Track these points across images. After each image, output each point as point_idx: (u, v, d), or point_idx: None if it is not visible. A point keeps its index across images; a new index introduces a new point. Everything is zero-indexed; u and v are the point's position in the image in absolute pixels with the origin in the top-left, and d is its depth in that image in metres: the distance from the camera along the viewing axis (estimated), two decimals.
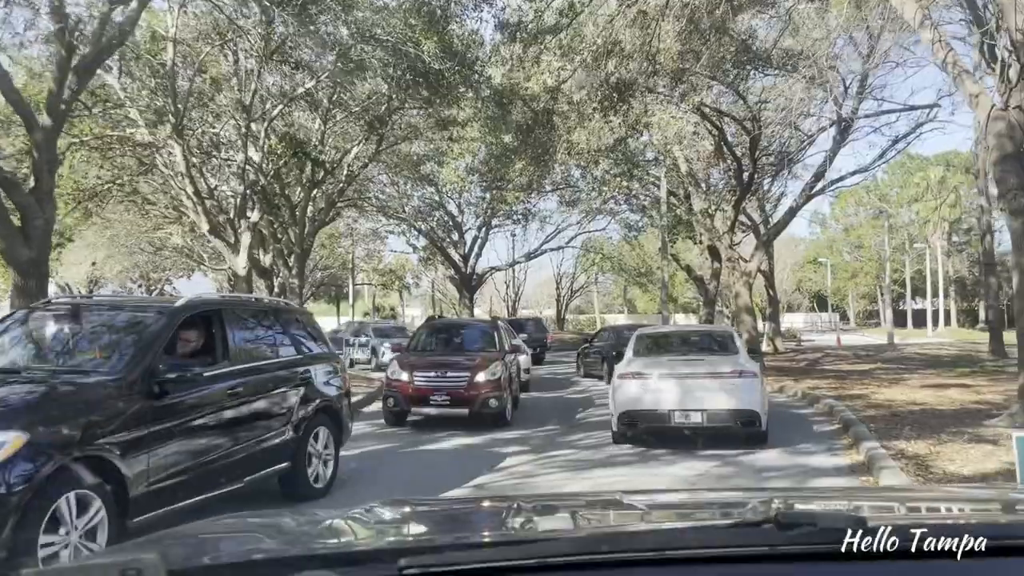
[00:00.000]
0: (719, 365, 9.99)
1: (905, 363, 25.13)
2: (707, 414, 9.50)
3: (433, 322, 16.00)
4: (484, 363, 12.03)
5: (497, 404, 11.79)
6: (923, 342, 45.13)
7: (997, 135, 10.22)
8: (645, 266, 46.15)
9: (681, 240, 31.34)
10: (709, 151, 23.49)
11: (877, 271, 76.12)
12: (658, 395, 9.69)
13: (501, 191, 30.79)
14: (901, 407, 12.46)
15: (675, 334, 12.91)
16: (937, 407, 12.39)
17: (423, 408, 11.84)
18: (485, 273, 42.70)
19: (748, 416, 9.54)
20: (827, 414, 12.71)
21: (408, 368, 12.01)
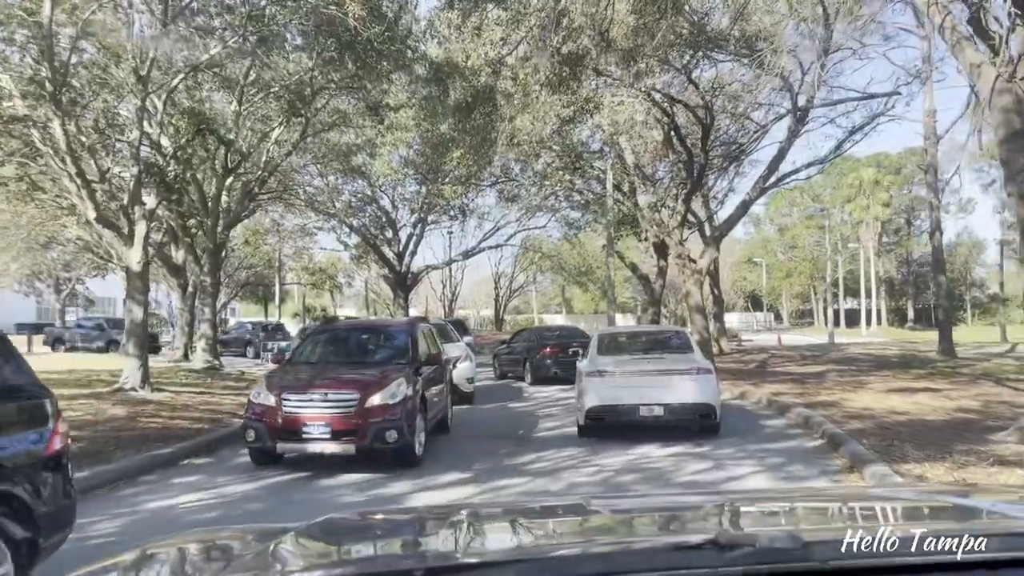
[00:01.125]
0: (678, 363, 10.83)
1: (855, 364, 24.35)
2: (669, 408, 10.25)
3: (327, 325, 12.23)
4: (383, 380, 8.90)
5: (397, 437, 8.51)
6: (861, 341, 45.18)
7: (1003, 110, 9.00)
8: (586, 265, 44.95)
9: (626, 237, 30.09)
10: (658, 142, 22.23)
11: (811, 271, 76.95)
12: (625, 391, 10.29)
13: (438, 184, 28.98)
14: (883, 417, 11.23)
15: (633, 334, 13.30)
16: (924, 417, 11.19)
17: (292, 444, 8.58)
18: (421, 272, 40.80)
19: (705, 409, 10.43)
20: (803, 426, 11.40)
21: (277, 389, 8.83)
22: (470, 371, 15.36)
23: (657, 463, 9.01)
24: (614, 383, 10.37)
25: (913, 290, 79.23)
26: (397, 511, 2.35)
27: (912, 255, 79.45)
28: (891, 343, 41.38)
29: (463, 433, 11.51)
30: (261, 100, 19.03)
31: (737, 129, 21.73)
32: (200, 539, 1.92)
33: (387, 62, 14.99)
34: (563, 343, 20.01)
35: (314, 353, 10.56)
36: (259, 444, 8.72)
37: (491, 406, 15.13)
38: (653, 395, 10.22)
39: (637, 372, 10.49)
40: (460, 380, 14.64)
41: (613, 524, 2.00)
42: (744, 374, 20.41)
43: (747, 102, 20.95)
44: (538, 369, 19.52)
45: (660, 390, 10.26)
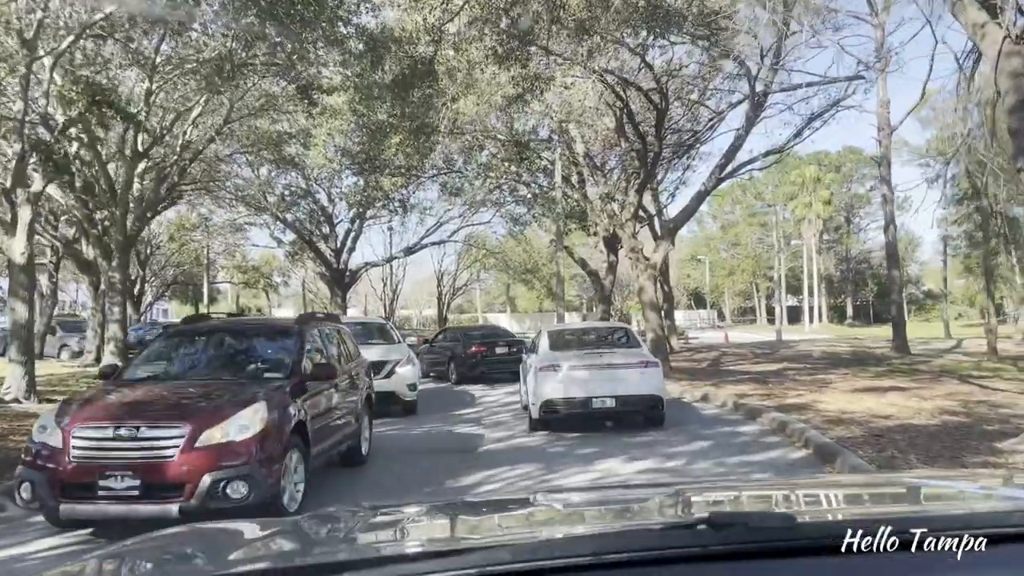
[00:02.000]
0: (627, 357, 11.30)
1: (810, 361, 23.64)
2: (620, 400, 10.70)
3: (184, 326, 8.71)
4: (226, 407, 6.17)
5: (248, 491, 5.83)
6: (807, 338, 44.94)
7: (1012, 74, 7.96)
8: (531, 262, 43.72)
9: (574, 232, 28.91)
10: (609, 130, 21.08)
11: (753, 269, 77.33)
12: (578, 384, 10.75)
13: (376, 176, 27.32)
14: (868, 421, 10.18)
15: (582, 330, 13.68)
16: (912, 421, 10.17)
17: (83, 505, 5.82)
18: (359, 269, 39.02)
19: (653, 400, 10.91)
20: (779, 432, 10.27)
21: (70, 420, 6.04)
22: (412, 376, 13.53)
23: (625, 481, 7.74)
24: (568, 377, 10.79)
25: (852, 287, 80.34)
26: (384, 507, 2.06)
27: (851, 253, 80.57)
28: (836, 340, 41.19)
29: (396, 453, 9.75)
30: (177, 77, 17.20)
31: (692, 117, 20.71)
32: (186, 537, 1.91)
33: (314, 32, 13.39)
34: (489, 342, 19.65)
35: (158, 364, 7.60)
36: (37, 503, 5.91)
37: (432, 414, 13.68)
38: (605, 388, 10.72)
39: (590, 366, 10.94)
40: (400, 387, 13.15)
41: (598, 513, 2.03)
42: (701, 373, 19.39)
43: (703, 87, 19.93)
44: (463, 368, 19.21)
45: (611, 383, 10.74)
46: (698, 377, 18.21)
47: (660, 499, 2.11)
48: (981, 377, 17.49)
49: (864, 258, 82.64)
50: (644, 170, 19.42)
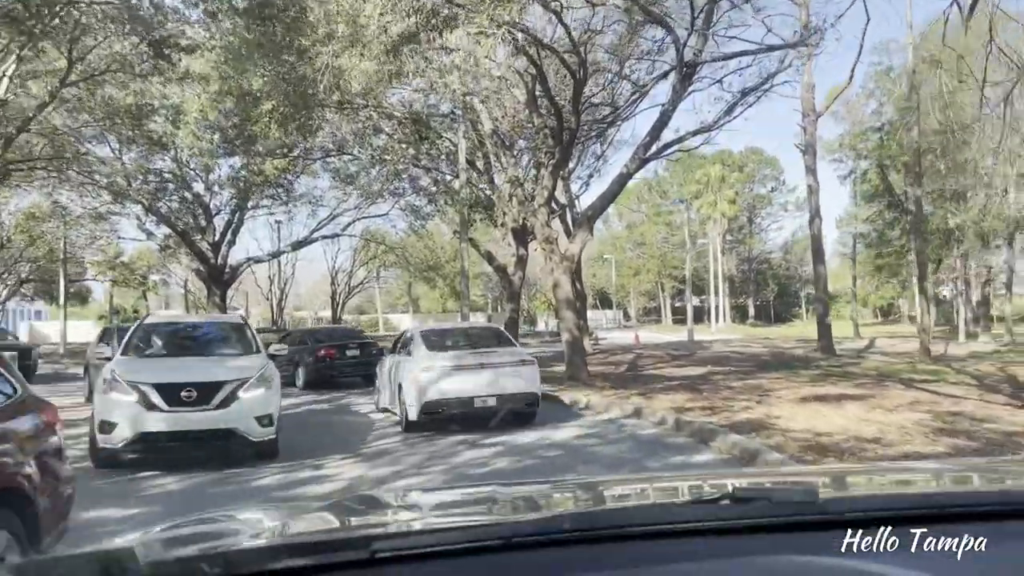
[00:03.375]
0: (506, 355, 11.33)
1: (733, 364, 21.85)
2: (500, 398, 10.82)
3: None
4: None
5: None
6: (717, 339, 43.86)
7: None
8: (433, 259, 40.84)
9: (480, 223, 26.30)
10: (519, 104, 18.62)
11: (659, 268, 76.77)
12: (460, 383, 10.71)
13: (255, 158, 23.94)
14: (854, 446, 7.99)
15: (455, 330, 13.49)
16: (911, 447, 8.02)
17: None
18: (241, 265, 35.23)
19: (531, 398, 11.16)
20: (748, 462, 7.94)
21: None
22: (265, 404, 8.76)
23: None
24: (449, 377, 10.73)
25: (754, 287, 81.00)
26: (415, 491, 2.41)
27: (752, 253, 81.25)
28: (747, 340, 40.18)
29: None
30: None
31: (612, 91, 18.47)
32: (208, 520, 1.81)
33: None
34: (338, 344, 18.59)
35: None
36: None
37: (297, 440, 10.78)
38: (486, 386, 10.77)
39: (470, 365, 10.92)
40: (244, 422, 8.54)
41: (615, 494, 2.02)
42: (623, 380, 17.12)
43: (624, 55, 17.70)
44: (312, 373, 18.12)
45: (493, 381, 10.82)
46: (622, 384, 15.93)
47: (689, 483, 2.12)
48: (925, 381, 15.95)
49: (764, 259, 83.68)
50: (559, 148, 17.00)
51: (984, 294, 31.00)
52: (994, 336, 31.37)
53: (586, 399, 13.34)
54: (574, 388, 15.21)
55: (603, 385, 15.65)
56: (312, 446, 9.88)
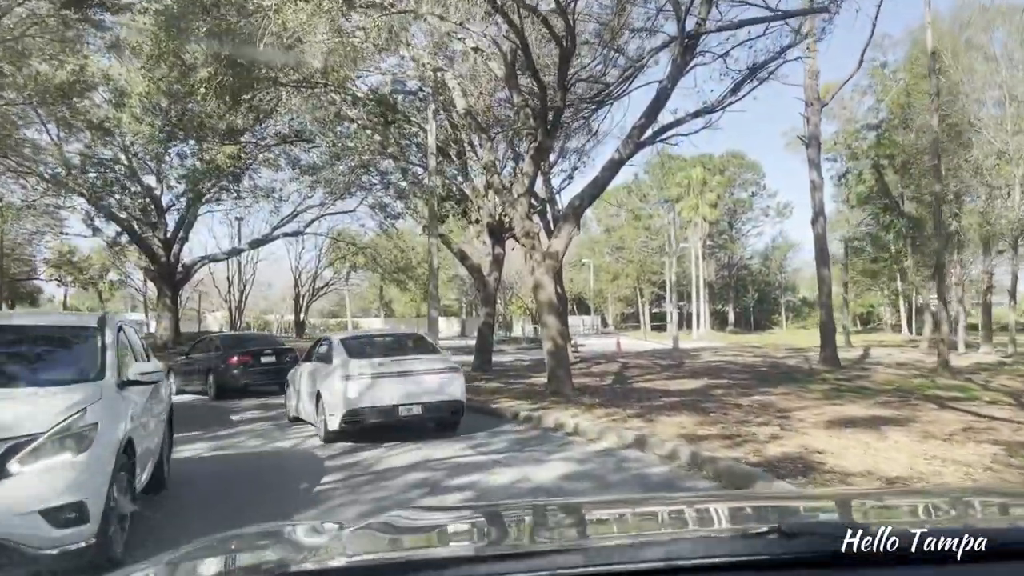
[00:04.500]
0: (430, 363, 11.11)
1: (731, 376, 19.78)
2: (426, 406, 10.64)
3: None
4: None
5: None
6: (701, 346, 41.86)
7: None
8: (404, 260, 38.45)
9: (453, 218, 24.06)
10: (497, 79, 16.47)
11: (638, 273, 74.86)
12: (385, 391, 10.46)
13: (200, 141, 21.50)
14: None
15: (377, 336, 13.67)
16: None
17: None
18: (195, 264, 32.68)
19: (456, 405, 10.98)
20: None
21: None
22: (65, 485, 4.61)
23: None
24: (372, 385, 10.46)
25: (734, 294, 79.41)
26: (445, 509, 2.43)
27: (733, 259, 79.67)
28: (735, 348, 38.25)
29: None
30: None
31: (605, 61, 16.34)
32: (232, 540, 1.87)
33: None
34: (253, 351, 17.96)
35: None
36: None
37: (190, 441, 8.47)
38: (411, 395, 10.53)
39: (394, 373, 10.64)
40: (8, 521, 4.44)
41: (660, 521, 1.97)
42: (614, 396, 14.94)
43: (618, 25, 15.57)
44: (224, 381, 17.42)
45: (417, 389, 10.59)
46: (613, 401, 13.74)
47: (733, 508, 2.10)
48: (955, 399, 13.99)
49: (744, 265, 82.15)
50: (542, 130, 14.83)
51: (986, 301, 29.31)
52: (995, 346, 29.67)
53: (574, 422, 11.15)
54: (558, 406, 13.02)
55: (591, 403, 13.46)
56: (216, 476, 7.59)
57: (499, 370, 22.32)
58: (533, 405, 13.26)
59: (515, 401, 13.90)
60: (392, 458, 9.35)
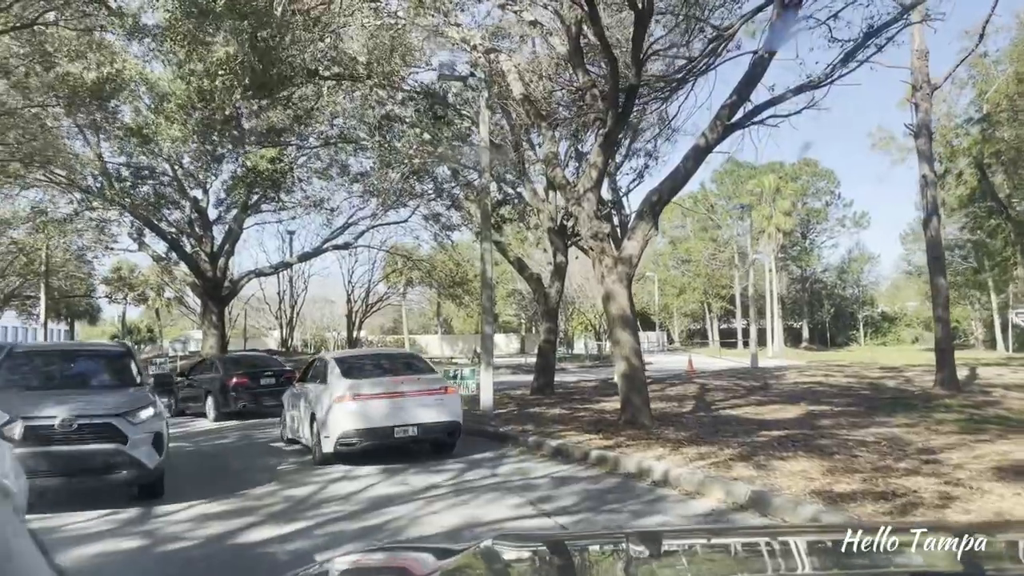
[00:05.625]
0: (426, 384, 10.93)
1: (833, 402, 17.00)
2: (422, 427, 10.56)
3: None
4: None
5: None
6: (780, 365, 38.66)
7: None
8: (460, 273, 36.45)
9: (509, 225, 21.88)
10: (559, 57, 14.30)
11: (705, 287, 71.57)
12: (380, 413, 10.36)
13: (237, 144, 19.84)
14: None
15: (372, 356, 13.31)
16: None
17: None
18: (242, 279, 31.27)
19: (452, 427, 10.90)
20: None
21: None
22: None
23: None
24: (367, 406, 10.31)
25: (808, 308, 75.27)
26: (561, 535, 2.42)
27: (807, 271, 75.66)
28: (817, 367, 34.96)
29: None
30: None
31: (685, 31, 13.94)
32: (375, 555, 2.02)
33: None
34: (254, 372, 17.86)
35: None
36: None
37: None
38: (407, 416, 10.42)
39: (390, 394, 10.49)
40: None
41: None
42: (702, 428, 12.43)
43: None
44: (223, 403, 17.38)
45: (413, 411, 10.47)
46: (703, 436, 11.27)
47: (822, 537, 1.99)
48: None
49: (818, 278, 77.91)
50: (613, 113, 12.54)
51: None
52: None
53: (662, 467, 8.76)
54: (637, 443, 10.64)
55: (677, 437, 11.03)
56: None
57: (562, 392, 19.99)
58: (606, 441, 10.90)
59: (583, 435, 11.55)
60: (430, 517, 7.14)
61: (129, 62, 20.92)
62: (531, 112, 14.05)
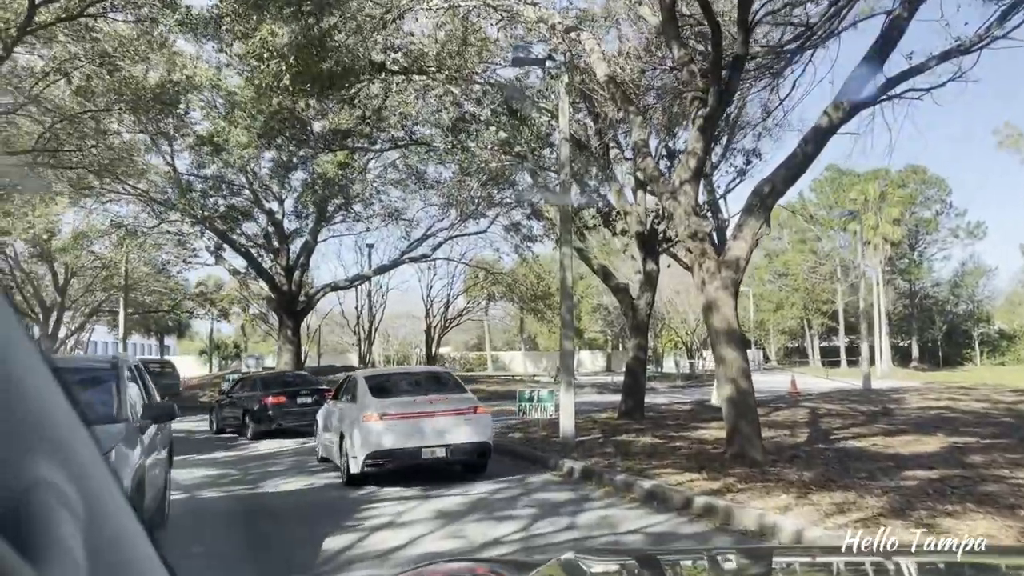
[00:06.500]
0: (456, 403, 10.59)
1: (972, 431, 14.42)
2: (451, 448, 10.17)
3: None
4: None
5: None
6: (893, 386, 35.30)
7: None
8: (543, 287, 34.71)
9: (592, 235, 20.00)
10: (653, 29, 12.46)
11: (805, 302, 67.59)
12: (407, 433, 10.04)
13: (301, 145, 18.72)
14: None
15: (401, 374, 12.91)
16: None
17: None
18: (318, 292, 30.40)
19: (483, 448, 10.48)
20: None
21: None
22: None
23: None
24: (395, 426, 10.05)
25: (918, 325, 70.06)
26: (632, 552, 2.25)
27: (915, 286, 70.57)
28: (937, 389, 31.54)
29: None
30: None
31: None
32: None
33: None
34: (290, 391, 17.71)
35: None
36: None
37: None
38: (436, 436, 10.13)
39: (418, 414, 10.21)
40: None
41: None
42: (827, 465, 10.25)
43: None
44: (259, 421, 17.33)
45: (442, 431, 10.16)
46: (833, 477, 9.11)
47: None
48: None
49: (928, 293, 72.61)
50: (715, 90, 10.60)
51: None
52: None
53: (791, 524, 6.74)
54: (750, 484, 8.60)
55: (801, 479, 8.92)
56: None
57: (653, 417, 17.91)
58: (712, 482, 8.88)
59: (683, 474, 9.55)
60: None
61: (200, 68, 20.24)
62: (617, 96, 12.20)
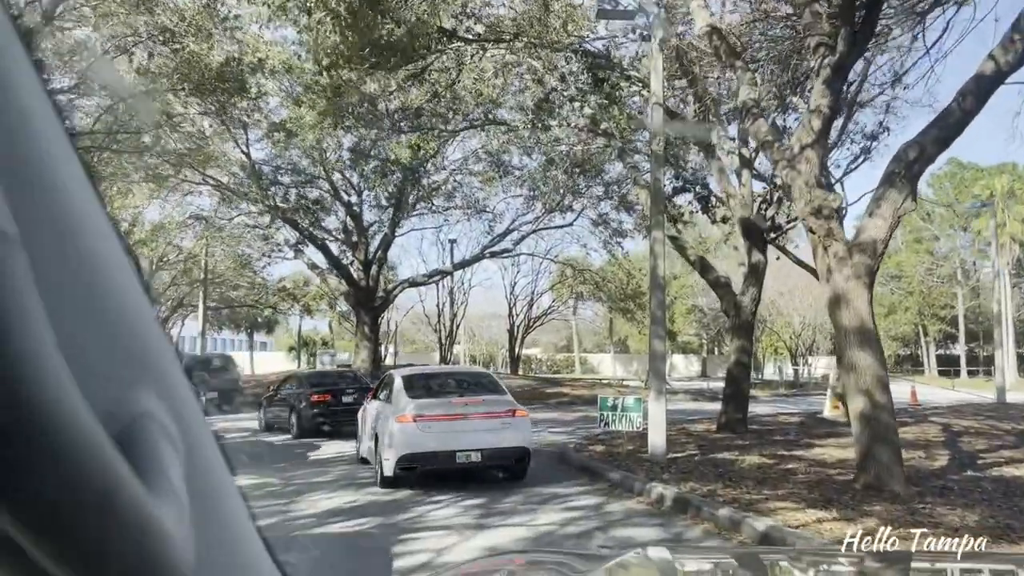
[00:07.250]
0: (493, 405, 10.29)
1: None
2: (486, 453, 9.85)
3: None
4: None
5: None
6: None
7: None
8: (632, 285, 32.60)
9: (690, 230, 17.90)
10: None
11: (920, 306, 62.68)
12: (440, 437, 9.83)
13: (370, 127, 17.41)
14: None
15: (441, 374, 12.57)
16: None
17: None
18: (396, 288, 29.31)
19: (521, 453, 10.08)
20: None
21: None
22: None
23: None
24: (429, 428, 9.83)
25: None
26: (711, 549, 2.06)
27: None
28: None
29: None
30: None
31: None
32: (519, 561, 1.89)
33: None
34: (335, 390, 17.54)
35: None
36: None
37: None
38: (470, 440, 9.87)
39: (453, 416, 9.96)
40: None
41: None
42: (991, 503, 8.01)
43: None
44: (304, 420, 17.16)
45: (478, 434, 9.89)
46: (1006, 522, 6.93)
47: None
48: None
49: None
50: (846, 31, 8.51)
51: None
52: None
53: None
54: (897, 529, 6.51)
55: (962, 521, 6.77)
56: None
57: (758, 430, 15.68)
58: (845, 523, 6.84)
59: (805, 510, 7.51)
60: None
61: (273, 51, 19.26)
62: (722, 49, 10.22)
